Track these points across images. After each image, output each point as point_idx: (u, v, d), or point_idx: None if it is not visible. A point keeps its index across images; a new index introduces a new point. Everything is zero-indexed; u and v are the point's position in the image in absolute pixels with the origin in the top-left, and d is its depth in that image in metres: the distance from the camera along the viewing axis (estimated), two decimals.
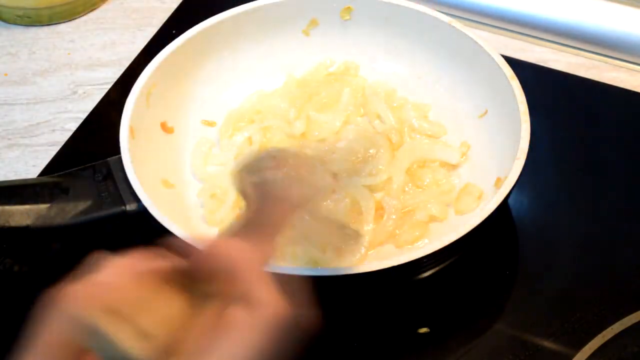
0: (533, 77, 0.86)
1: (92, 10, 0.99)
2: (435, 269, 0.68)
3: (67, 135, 0.85)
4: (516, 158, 0.68)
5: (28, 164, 0.83)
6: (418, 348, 0.69)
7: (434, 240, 0.68)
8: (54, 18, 0.97)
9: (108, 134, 0.76)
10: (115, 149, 0.70)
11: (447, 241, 0.63)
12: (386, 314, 0.70)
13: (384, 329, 0.70)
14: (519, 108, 0.72)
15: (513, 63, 0.76)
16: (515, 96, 0.73)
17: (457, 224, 0.72)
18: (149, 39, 0.95)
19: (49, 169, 0.81)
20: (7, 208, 0.65)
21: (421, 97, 0.84)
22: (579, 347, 0.66)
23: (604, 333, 0.67)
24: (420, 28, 0.83)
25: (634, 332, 0.67)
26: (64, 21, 0.98)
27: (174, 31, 0.91)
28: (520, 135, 0.70)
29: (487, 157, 0.77)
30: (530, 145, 0.69)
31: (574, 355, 0.66)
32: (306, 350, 0.68)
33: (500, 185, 0.68)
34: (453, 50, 0.81)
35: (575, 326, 0.68)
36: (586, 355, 0.66)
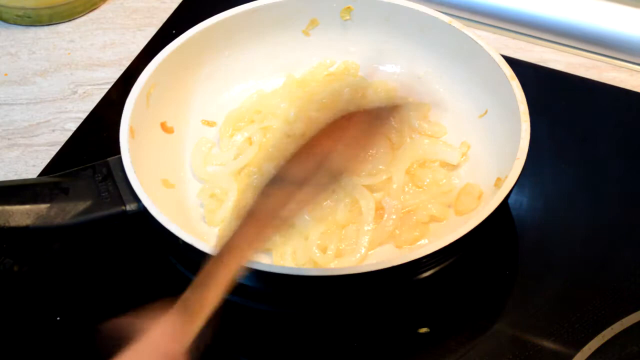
0: (533, 77, 0.86)
1: (92, 10, 0.99)
2: (435, 269, 0.68)
3: (67, 135, 0.85)
4: (516, 158, 0.68)
5: (28, 164, 0.83)
6: (418, 348, 0.69)
7: (434, 240, 0.68)
8: (54, 18, 0.97)
9: (108, 134, 0.76)
10: (115, 149, 0.70)
11: (447, 241, 0.63)
12: (386, 314, 0.70)
13: (384, 329, 0.69)
14: (519, 108, 0.72)
15: (513, 63, 0.76)
16: (515, 96, 0.73)
17: (457, 224, 0.72)
18: (149, 39, 0.95)
19: (49, 169, 0.81)
20: (7, 208, 0.65)
21: (421, 97, 0.84)
22: (579, 347, 0.66)
23: (604, 333, 0.67)
24: (420, 28, 0.83)
25: (634, 332, 0.67)
26: (64, 21, 0.98)
27: (174, 31, 0.92)
28: (520, 135, 0.70)
29: (487, 157, 0.77)
30: (530, 145, 0.69)
31: (574, 355, 0.66)
32: (306, 350, 0.69)
33: (500, 185, 0.68)
34: (453, 50, 0.81)
35: (575, 326, 0.68)
36: (586, 355, 0.66)
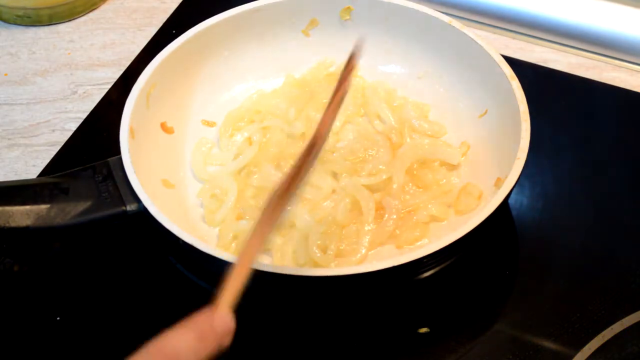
0: (533, 77, 0.86)
1: (92, 10, 0.99)
2: (436, 269, 0.68)
3: (67, 135, 0.85)
4: (516, 158, 0.68)
5: (28, 164, 0.83)
6: (418, 348, 0.69)
7: (434, 240, 0.68)
8: (54, 18, 0.97)
9: (108, 134, 0.76)
10: (115, 149, 0.70)
11: (448, 241, 0.63)
12: (386, 314, 0.70)
13: (384, 329, 0.69)
14: (519, 108, 0.72)
15: (513, 63, 0.76)
16: (515, 96, 0.73)
17: (457, 224, 0.72)
18: (149, 39, 0.95)
19: (49, 169, 0.81)
20: (7, 208, 0.65)
21: (421, 97, 0.84)
22: (579, 347, 0.66)
23: (604, 333, 0.67)
24: (420, 28, 0.83)
25: (634, 332, 0.67)
26: (64, 21, 0.98)
27: (174, 31, 0.92)
28: (520, 135, 0.70)
29: (487, 157, 0.77)
30: (530, 145, 0.69)
31: (574, 355, 0.66)
32: (306, 350, 0.69)
33: (500, 185, 0.68)
34: (453, 50, 0.81)
35: (575, 326, 0.68)
36: (586, 355, 0.66)
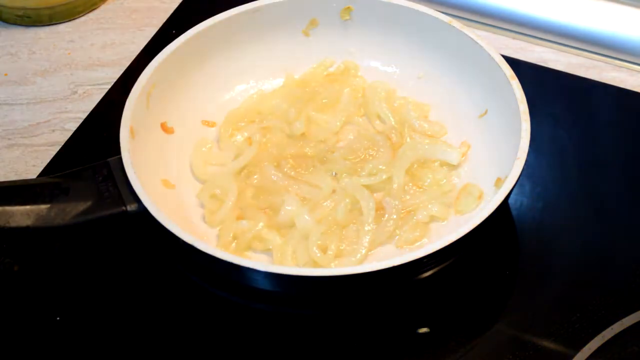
0: (533, 77, 0.86)
1: (92, 10, 0.99)
2: (436, 269, 0.68)
3: (67, 135, 0.85)
4: (516, 158, 0.68)
5: (28, 164, 0.83)
6: (418, 348, 0.69)
7: (434, 240, 0.69)
8: (54, 18, 0.97)
9: (108, 134, 0.75)
10: (115, 149, 0.70)
11: (448, 241, 0.63)
12: (386, 314, 0.70)
13: (384, 329, 0.69)
14: (519, 108, 0.72)
15: (513, 63, 0.76)
16: (515, 96, 0.73)
17: (457, 224, 0.72)
18: (149, 39, 0.95)
19: (49, 169, 0.81)
20: (8, 209, 0.65)
21: (421, 97, 0.84)
22: (579, 347, 0.66)
23: (604, 333, 0.67)
24: (420, 28, 0.83)
25: (634, 332, 0.67)
26: (64, 21, 0.98)
27: (174, 31, 0.92)
28: (520, 135, 0.70)
29: (487, 157, 0.77)
30: (530, 145, 0.69)
31: (574, 355, 0.66)
32: (306, 350, 0.69)
33: (500, 185, 0.68)
34: (453, 50, 0.81)
35: (575, 326, 0.68)
36: (586, 355, 0.66)
